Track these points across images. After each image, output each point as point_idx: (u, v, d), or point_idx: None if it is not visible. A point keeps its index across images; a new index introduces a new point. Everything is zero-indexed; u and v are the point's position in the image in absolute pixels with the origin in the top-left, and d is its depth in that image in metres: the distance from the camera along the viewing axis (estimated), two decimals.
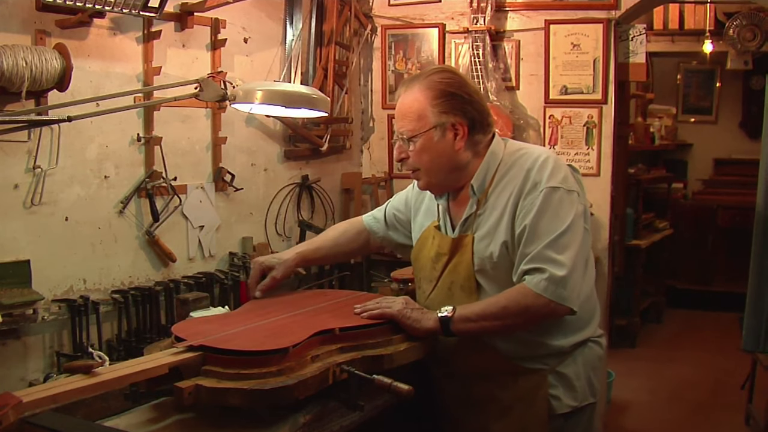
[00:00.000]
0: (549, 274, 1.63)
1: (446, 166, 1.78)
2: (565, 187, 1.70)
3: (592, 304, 1.84)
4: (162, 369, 1.49)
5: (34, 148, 2.30)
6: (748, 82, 6.81)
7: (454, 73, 1.81)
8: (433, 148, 1.75)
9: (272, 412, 1.51)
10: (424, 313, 1.75)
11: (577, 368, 1.80)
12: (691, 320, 6.00)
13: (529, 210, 1.69)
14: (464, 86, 1.76)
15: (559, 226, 1.66)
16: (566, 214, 1.68)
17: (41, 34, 2.27)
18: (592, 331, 1.84)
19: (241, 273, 3.02)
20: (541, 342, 1.76)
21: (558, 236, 1.66)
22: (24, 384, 2.26)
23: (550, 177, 1.70)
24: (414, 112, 1.75)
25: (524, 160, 1.76)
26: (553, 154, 1.78)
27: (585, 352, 1.82)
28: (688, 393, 4.29)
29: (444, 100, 1.73)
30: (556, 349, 1.77)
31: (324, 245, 2.14)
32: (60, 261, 2.42)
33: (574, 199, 1.71)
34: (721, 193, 6.50)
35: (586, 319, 1.81)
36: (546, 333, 1.76)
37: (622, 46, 3.68)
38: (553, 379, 1.77)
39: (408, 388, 1.51)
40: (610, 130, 3.58)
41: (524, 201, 1.71)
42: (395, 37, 3.96)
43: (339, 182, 3.88)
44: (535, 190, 1.70)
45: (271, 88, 2.15)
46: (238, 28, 3.11)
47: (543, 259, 1.65)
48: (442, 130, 1.73)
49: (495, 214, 1.75)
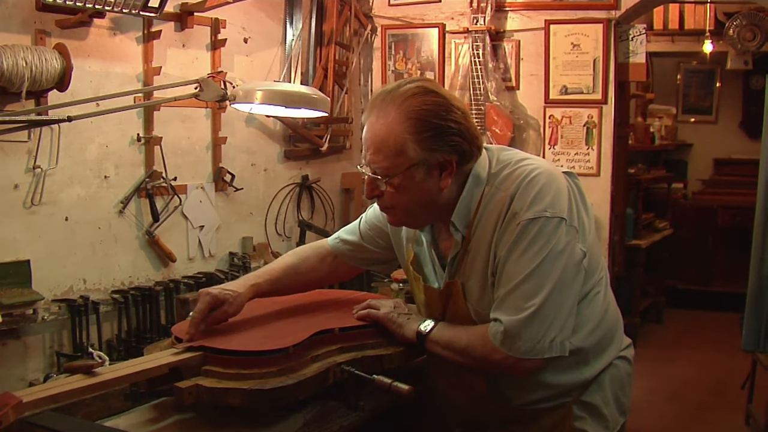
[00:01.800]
0: (505, 326, 1.43)
1: (428, 205, 1.52)
2: (548, 214, 1.44)
3: (608, 324, 1.63)
4: (162, 369, 1.49)
5: (34, 148, 2.30)
6: (748, 82, 6.80)
7: (436, 92, 1.47)
8: (413, 187, 1.47)
9: (272, 412, 1.51)
10: (409, 320, 1.65)
11: (605, 394, 1.60)
12: (691, 320, 5.99)
13: (503, 245, 1.47)
14: (450, 110, 1.46)
15: (529, 265, 1.43)
16: (542, 249, 1.43)
17: (41, 34, 2.27)
18: (615, 352, 1.64)
19: (241, 273, 3.02)
20: (557, 382, 1.56)
21: (525, 278, 1.43)
22: (24, 384, 2.26)
23: (531, 203, 1.44)
24: (390, 146, 1.44)
25: (509, 183, 1.49)
26: (545, 168, 1.51)
27: (611, 374, 1.62)
28: (688, 393, 4.29)
29: (430, 134, 1.44)
30: (580, 382, 1.58)
31: (283, 276, 1.83)
32: (60, 261, 2.42)
33: (558, 227, 1.44)
34: (721, 193, 6.49)
35: (605, 344, 1.62)
36: (563, 369, 1.54)
37: (622, 46, 3.68)
38: (578, 410, 1.58)
39: (408, 388, 1.51)
40: (610, 130, 3.58)
41: (501, 233, 1.48)
42: (395, 37, 3.96)
43: (339, 182, 3.88)
44: (512, 222, 1.46)
45: (271, 88, 2.15)
46: (238, 28, 3.11)
47: (504, 308, 1.45)
48: (426, 167, 1.46)
49: (481, 253, 1.52)
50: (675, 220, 6.18)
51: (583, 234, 1.51)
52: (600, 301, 1.59)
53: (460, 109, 1.48)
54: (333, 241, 1.89)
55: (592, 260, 1.55)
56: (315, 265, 1.87)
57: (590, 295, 1.56)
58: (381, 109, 1.47)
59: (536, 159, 1.57)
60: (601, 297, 1.59)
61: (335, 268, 1.89)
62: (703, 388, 4.40)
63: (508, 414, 1.62)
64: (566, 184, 1.51)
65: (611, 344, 1.64)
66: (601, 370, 1.60)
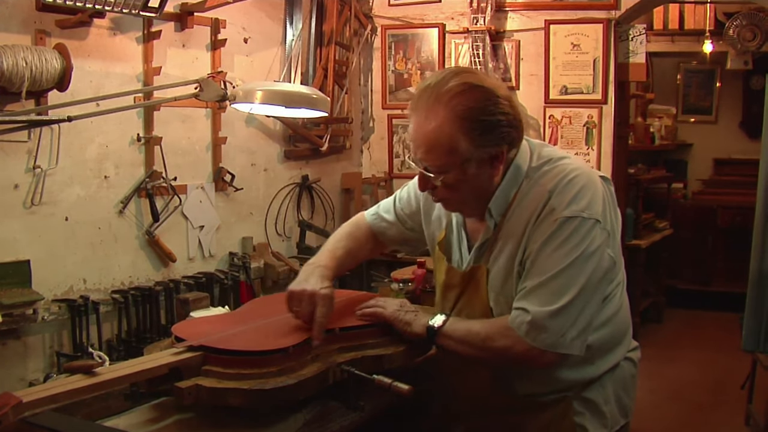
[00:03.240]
0: (532, 317, 1.44)
1: (481, 196, 1.56)
2: (585, 215, 1.46)
3: (619, 326, 1.64)
4: (162, 369, 1.49)
5: (34, 148, 2.30)
6: (748, 82, 6.80)
7: (480, 85, 1.48)
8: (466, 181, 1.51)
9: (272, 412, 1.51)
10: (417, 317, 1.65)
11: (605, 392, 1.62)
12: (691, 320, 5.99)
13: (538, 238, 1.48)
14: (496, 103, 1.47)
15: (563, 262, 1.45)
16: (576, 247, 1.46)
17: (41, 34, 2.27)
18: (622, 353, 1.66)
19: (241, 273, 3.02)
20: (563, 377, 1.58)
21: (557, 273, 1.45)
22: (24, 384, 2.26)
23: (570, 202, 1.47)
24: (443, 145, 1.47)
25: (549, 179, 1.53)
26: (581, 168, 1.54)
27: (615, 373, 1.64)
28: (688, 393, 4.29)
29: (480, 131, 1.46)
30: (584, 379, 1.60)
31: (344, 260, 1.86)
32: (60, 261, 2.42)
33: (592, 229, 1.47)
34: (721, 193, 6.49)
35: (613, 344, 1.63)
36: (569, 365, 1.55)
37: (622, 46, 3.68)
38: (578, 406, 1.60)
39: (408, 387, 1.51)
40: (610, 130, 3.59)
41: (536, 226, 1.50)
42: (395, 37, 3.96)
43: (339, 182, 3.88)
44: (549, 217, 1.48)
45: (271, 88, 2.15)
46: (238, 28, 3.11)
47: (532, 298, 1.46)
48: (478, 162, 1.49)
49: (511, 243, 1.54)
50: (675, 220, 6.18)
51: (614, 239, 1.54)
52: (615, 303, 1.61)
53: (505, 97, 1.50)
54: (372, 218, 1.93)
55: (616, 264, 1.58)
56: (363, 245, 1.93)
57: (608, 297, 1.59)
58: (429, 109, 1.48)
59: (575, 159, 1.61)
60: (616, 299, 1.62)
61: (375, 245, 1.95)
62: (703, 388, 4.40)
63: (510, 403, 1.64)
64: (600, 186, 1.54)
65: (619, 345, 1.65)
66: (605, 371, 1.62)
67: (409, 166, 1.58)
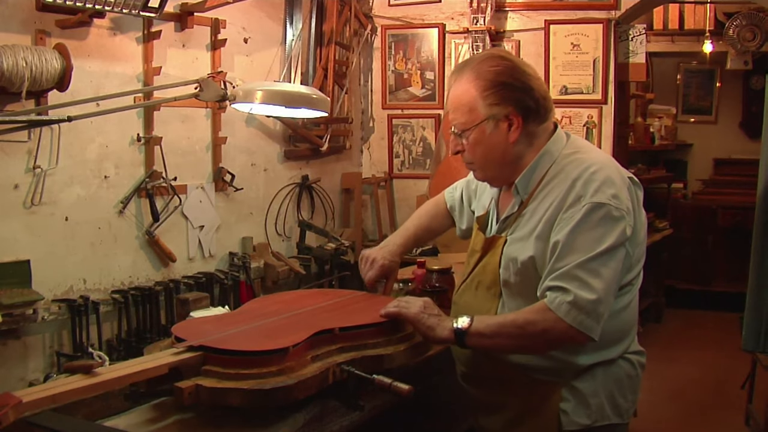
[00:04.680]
0: (574, 297, 1.48)
1: (500, 160, 1.66)
2: (613, 204, 1.52)
3: (622, 323, 1.67)
4: (162, 369, 1.49)
5: (34, 148, 2.30)
6: (748, 82, 6.80)
7: (506, 58, 1.64)
8: (485, 141, 1.63)
9: (272, 412, 1.51)
10: (441, 321, 1.65)
11: (595, 385, 1.64)
12: (691, 320, 5.99)
13: (566, 224, 1.53)
14: (517, 72, 1.61)
15: (597, 247, 1.50)
16: (607, 235, 1.51)
17: (41, 34, 2.27)
18: (620, 351, 1.68)
19: (241, 273, 3.02)
20: (556, 357, 1.62)
21: (593, 257, 1.50)
22: (24, 384, 2.26)
23: (596, 192, 1.53)
24: (465, 104, 1.63)
25: (573, 167, 1.60)
26: (610, 165, 1.61)
27: (609, 369, 1.66)
28: (688, 393, 4.28)
29: (495, 90, 1.59)
30: (573, 366, 1.63)
31: (418, 234, 2.09)
32: (60, 261, 2.42)
33: (621, 222, 1.53)
34: (721, 193, 6.49)
35: (613, 339, 1.65)
36: (566, 348, 1.61)
37: (622, 46, 3.68)
38: (566, 393, 1.64)
39: (408, 387, 1.51)
40: (610, 130, 3.59)
41: (564, 214, 1.55)
42: (395, 37, 3.96)
43: (339, 182, 3.88)
44: (577, 204, 1.53)
45: (271, 88, 2.15)
46: (238, 28, 3.11)
47: (571, 279, 1.49)
48: (495, 122, 1.61)
49: (533, 221, 1.62)
50: (675, 220, 6.18)
51: (635, 238, 1.59)
52: (622, 300, 1.65)
53: (529, 73, 1.63)
54: (449, 196, 2.09)
55: (633, 264, 1.63)
56: (440, 220, 2.09)
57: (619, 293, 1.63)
58: (458, 76, 1.67)
59: (605, 157, 1.66)
60: (624, 298, 1.66)
61: (449, 222, 2.10)
62: (703, 388, 4.40)
63: (502, 372, 1.69)
64: (627, 186, 1.60)
65: (618, 342, 1.67)
66: (597, 363, 1.64)
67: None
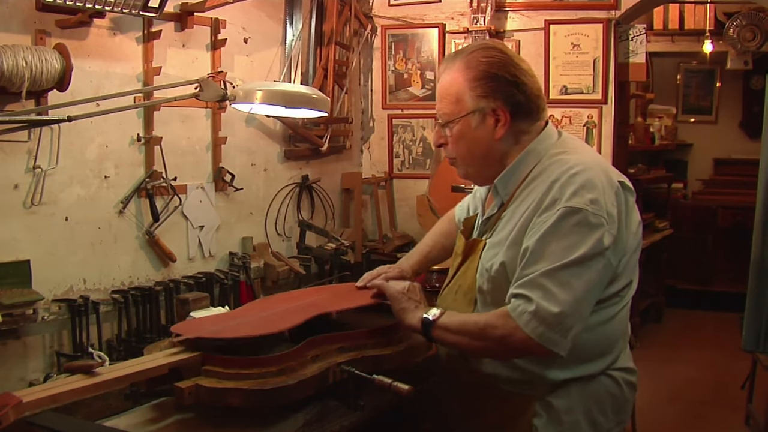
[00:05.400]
0: (536, 308, 1.39)
1: (483, 156, 1.59)
2: (590, 209, 1.42)
3: (603, 337, 1.56)
4: (162, 369, 1.49)
5: (34, 148, 2.30)
6: (748, 82, 6.80)
7: (500, 50, 1.56)
8: (470, 135, 1.56)
9: (272, 412, 1.51)
10: (417, 308, 1.61)
11: (570, 401, 1.54)
12: (691, 320, 5.99)
13: (538, 229, 1.45)
14: (509, 66, 1.53)
15: (568, 255, 1.40)
16: (581, 243, 1.41)
17: (41, 34, 2.27)
18: (601, 366, 1.57)
19: (241, 273, 3.02)
20: (525, 369, 1.54)
21: (563, 266, 1.40)
22: (24, 384, 2.26)
23: (572, 195, 1.43)
24: (452, 94, 1.56)
25: (555, 168, 1.50)
26: (596, 167, 1.49)
27: (589, 386, 1.56)
28: (688, 393, 4.29)
29: (484, 82, 1.52)
30: (545, 380, 1.54)
31: (433, 252, 2.01)
32: (60, 261, 2.42)
33: (597, 229, 1.42)
34: (721, 193, 6.50)
35: (592, 354, 1.54)
36: (537, 360, 1.52)
37: (622, 46, 3.68)
38: (539, 408, 1.55)
39: (408, 387, 1.51)
40: (610, 130, 3.59)
41: (537, 218, 1.47)
42: (395, 37, 3.96)
43: (339, 182, 3.88)
44: (552, 208, 1.45)
45: (271, 88, 2.15)
46: (238, 28, 3.11)
47: (535, 287, 1.40)
48: (482, 115, 1.54)
49: (510, 225, 1.54)
50: (675, 220, 6.18)
51: (621, 247, 1.49)
52: (605, 313, 1.54)
53: (523, 68, 1.56)
54: (459, 210, 2.01)
55: (619, 275, 1.52)
56: (454, 238, 1.95)
57: (600, 304, 1.52)
58: (448, 65, 1.60)
59: (592, 157, 1.57)
60: (608, 310, 1.55)
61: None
62: (703, 388, 4.40)
63: (476, 380, 1.63)
64: (615, 190, 1.49)
65: (598, 358, 1.56)
66: (573, 378, 1.54)
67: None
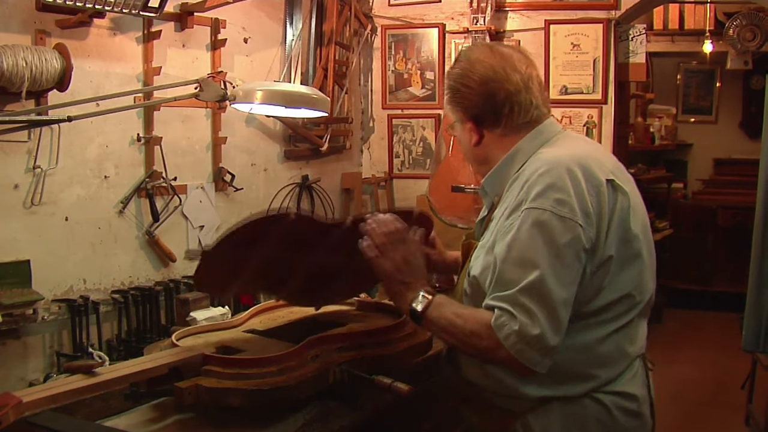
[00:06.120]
0: (519, 327, 1.35)
1: (473, 159, 1.65)
2: (554, 211, 1.37)
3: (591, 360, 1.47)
4: (162, 369, 1.49)
5: (34, 148, 2.30)
6: (748, 82, 6.81)
7: (466, 59, 1.60)
8: (461, 140, 1.66)
9: (272, 412, 1.51)
10: (406, 290, 1.55)
11: (549, 422, 1.48)
12: (691, 320, 6.00)
13: (505, 234, 1.42)
14: (464, 75, 1.56)
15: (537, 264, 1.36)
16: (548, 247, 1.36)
17: (41, 34, 2.27)
18: (585, 389, 1.48)
19: None
20: (505, 383, 1.50)
21: (535, 281, 1.35)
22: (24, 384, 2.26)
23: (537, 197, 1.39)
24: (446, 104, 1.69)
25: (531, 167, 1.46)
26: (568, 164, 1.42)
27: (570, 408, 1.48)
28: (688, 393, 4.29)
29: (451, 95, 1.60)
30: (523, 395, 1.48)
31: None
32: (60, 261, 2.42)
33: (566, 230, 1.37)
34: (721, 193, 6.50)
35: (574, 374, 1.47)
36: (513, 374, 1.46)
37: (622, 46, 3.68)
38: (519, 426, 1.51)
39: (408, 387, 1.51)
40: (610, 130, 3.58)
41: (505, 221, 1.45)
42: (395, 37, 3.96)
43: (339, 182, 3.88)
44: (517, 210, 1.42)
45: (271, 88, 2.15)
46: (238, 28, 3.11)
47: (516, 305, 1.36)
48: (460, 123, 1.62)
49: (492, 225, 1.51)
50: (675, 220, 6.18)
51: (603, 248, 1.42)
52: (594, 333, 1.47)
53: (481, 75, 1.55)
54: None
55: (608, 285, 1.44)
56: None
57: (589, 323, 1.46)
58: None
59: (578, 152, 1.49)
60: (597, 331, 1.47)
61: None
62: (703, 388, 4.40)
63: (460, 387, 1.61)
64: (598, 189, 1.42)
65: (579, 381, 1.48)
66: (552, 397, 1.48)
67: None
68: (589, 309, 1.44)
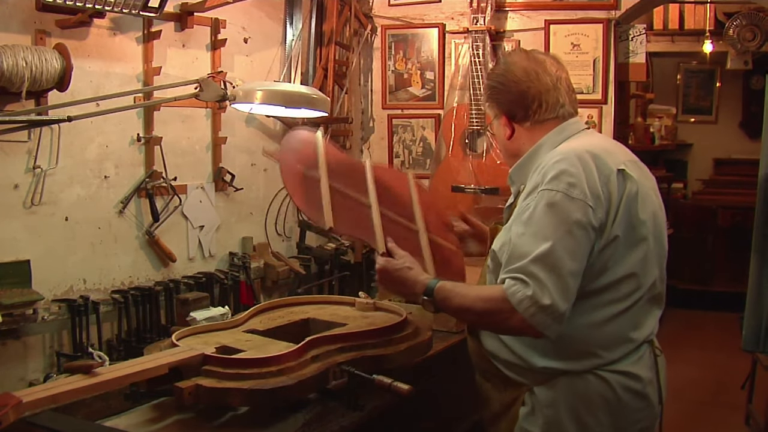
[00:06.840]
0: (533, 292, 1.43)
1: (506, 151, 1.81)
2: (567, 192, 1.48)
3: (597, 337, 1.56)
4: (162, 369, 1.49)
5: (34, 148, 2.30)
6: (748, 82, 6.80)
7: (504, 62, 1.76)
8: (496, 133, 1.81)
9: (272, 412, 1.51)
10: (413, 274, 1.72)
11: (554, 395, 1.57)
12: (691, 320, 6.00)
13: (522, 213, 1.53)
14: (502, 75, 1.73)
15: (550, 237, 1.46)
16: (561, 221, 1.47)
17: (41, 34, 2.27)
18: (589, 365, 1.56)
19: (241, 273, 3.02)
20: (517, 349, 1.60)
21: (548, 251, 1.45)
22: (24, 384, 2.26)
23: (551, 180, 1.50)
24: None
25: (549, 157, 1.58)
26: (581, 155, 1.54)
27: (574, 383, 1.57)
28: (689, 393, 4.29)
29: (489, 93, 1.78)
30: (530, 364, 1.59)
31: None
32: (60, 261, 2.42)
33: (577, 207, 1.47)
34: (721, 193, 6.50)
35: (580, 351, 1.56)
36: (521, 342, 1.59)
37: (622, 46, 3.68)
38: (527, 397, 1.61)
39: (408, 387, 1.52)
40: (610, 130, 3.58)
41: (522, 202, 1.56)
42: (395, 37, 3.96)
43: None
44: (534, 192, 1.53)
45: (271, 88, 2.15)
46: (238, 28, 3.11)
47: (528, 274, 1.45)
48: (496, 120, 1.78)
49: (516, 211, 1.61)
50: (675, 220, 6.18)
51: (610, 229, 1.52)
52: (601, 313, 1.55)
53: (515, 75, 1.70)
54: None
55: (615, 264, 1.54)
56: None
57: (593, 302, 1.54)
58: None
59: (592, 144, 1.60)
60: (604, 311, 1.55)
61: None
62: (703, 388, 4.40)
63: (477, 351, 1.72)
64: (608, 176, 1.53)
65: (584, 357, 1.56)
66: (558, 370, 1.57)
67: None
68: (594, 286, 1.53)
